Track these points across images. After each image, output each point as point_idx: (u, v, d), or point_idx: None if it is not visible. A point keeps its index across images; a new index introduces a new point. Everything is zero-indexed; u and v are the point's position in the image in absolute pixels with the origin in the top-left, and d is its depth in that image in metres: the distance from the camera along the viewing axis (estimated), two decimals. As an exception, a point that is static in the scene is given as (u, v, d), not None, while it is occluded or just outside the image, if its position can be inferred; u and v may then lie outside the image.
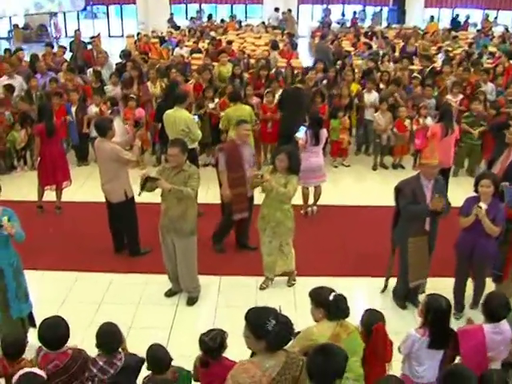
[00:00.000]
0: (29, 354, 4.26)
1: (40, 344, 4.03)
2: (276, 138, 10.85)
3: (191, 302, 6.56)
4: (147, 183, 5.97)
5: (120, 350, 4.05)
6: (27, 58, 14.22)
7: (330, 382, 3.17)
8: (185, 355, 5.29)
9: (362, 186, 10.37)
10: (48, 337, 3.94)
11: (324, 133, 8.66)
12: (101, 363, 3.93)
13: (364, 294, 6.92)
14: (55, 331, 3.95)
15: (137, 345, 5.64)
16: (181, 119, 8.36)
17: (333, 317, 3.96)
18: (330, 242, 7.97)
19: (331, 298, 3.97)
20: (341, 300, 4.00)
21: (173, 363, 5.18)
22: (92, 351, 5.40)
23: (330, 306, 3.96)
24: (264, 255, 6.73)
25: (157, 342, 5.65)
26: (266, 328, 3.26)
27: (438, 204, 5.74)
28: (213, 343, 3.90)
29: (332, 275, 6.98)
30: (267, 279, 6.89)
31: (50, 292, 6.76)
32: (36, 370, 3.53)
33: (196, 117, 9.21)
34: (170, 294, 6.70)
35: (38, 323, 5.60)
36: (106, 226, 7.65)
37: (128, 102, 10.68)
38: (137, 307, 6.47)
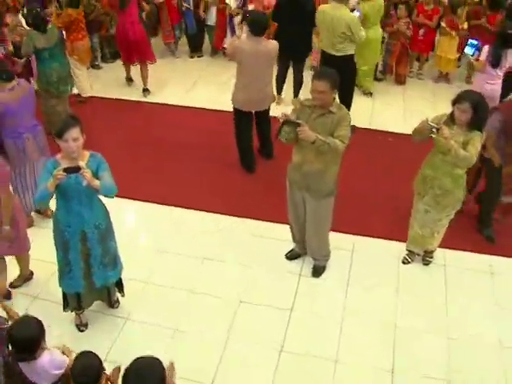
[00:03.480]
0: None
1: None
2: (429, 47, 8.91)
3: (317, 272, 5.20)
4: (285, 127, 4.39)
5: None
6: None
7: None
8: (309, 354, 4.36)
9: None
10: None
11: None
12: None
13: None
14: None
15: (247, 326, 4.58)
16: (341, 20, 6.54)
17: None
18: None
19: None
20: None
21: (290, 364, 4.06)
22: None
23: None
24: (414, 225, 5.15)
25: (273, 323, 4.61)
26: None
27: None
28: None
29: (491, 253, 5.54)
30: (412, 253, 5.39)
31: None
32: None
33: (358, 13, 7.04)
34: (291, 256, 5.37)
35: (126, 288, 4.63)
36: (214, 143, 6.66)
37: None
38: (247, 270, 5.18)
